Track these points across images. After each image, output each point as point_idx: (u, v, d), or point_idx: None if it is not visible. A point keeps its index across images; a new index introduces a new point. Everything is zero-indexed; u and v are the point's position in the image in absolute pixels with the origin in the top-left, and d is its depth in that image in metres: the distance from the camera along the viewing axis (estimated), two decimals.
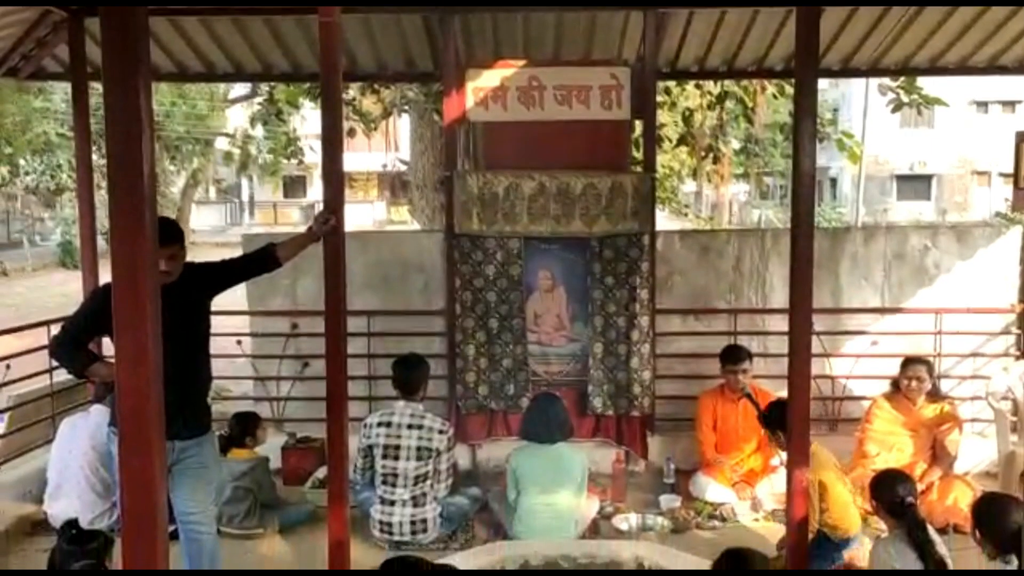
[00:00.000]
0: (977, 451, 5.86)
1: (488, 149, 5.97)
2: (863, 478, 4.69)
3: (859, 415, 5.70)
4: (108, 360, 3.63)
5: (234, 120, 27.01)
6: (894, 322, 6.24)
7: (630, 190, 5.76)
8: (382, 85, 9.68)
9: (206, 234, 32.02)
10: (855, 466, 5.33)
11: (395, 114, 11.16)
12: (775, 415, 4.48)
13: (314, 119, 5.14)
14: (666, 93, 9.86)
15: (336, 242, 4.01)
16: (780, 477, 4.76)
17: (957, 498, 4.91)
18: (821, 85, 4.54)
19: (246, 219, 42.54)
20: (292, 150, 12.00)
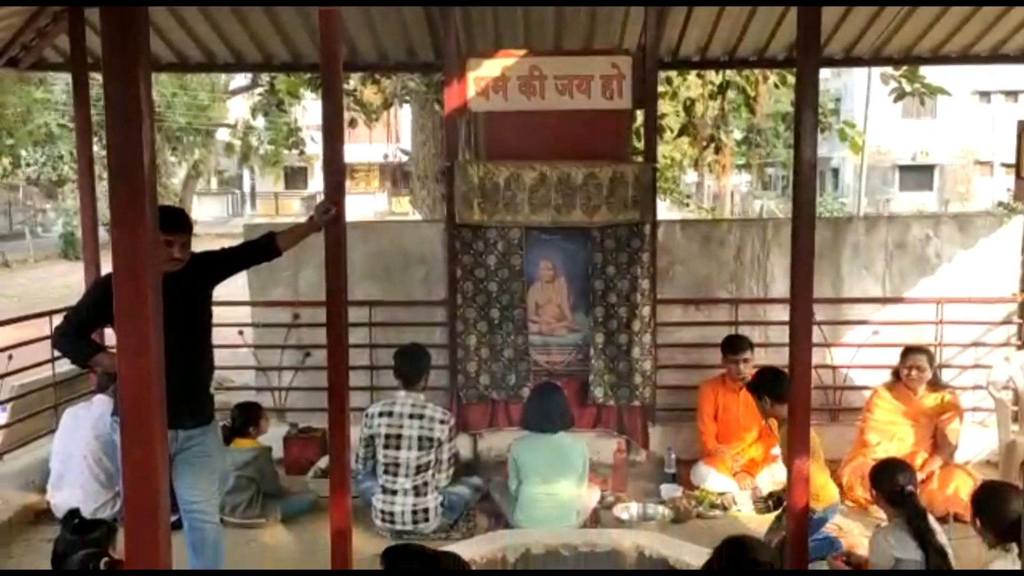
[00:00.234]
0: (978, 440, 5.87)
1: (489, 139, 5.96)
2: (864, 467, 4.71)
3: (860, 405, 5.70)
4: (111, 350, 3.64)
5: (235, 111, 27.01)
6: (895, 312, 6.24)
7: (631, 180, 5.75)
8: (383, 75, 9.67)
9: (208, 225, 31.93)
10: (856, 455, 5.34)
11: (396, 104, 11.16)
12: (762, 380, 4.56)
13: (315, 110, 5.14)
14: (667, 83, 9.84)
15: (337, 232, 4.01)
16: (781, 466, 4.78)
17: (958, 487, 4.92)
18: (823, 75, 4.54)
19: (247, 210, 42.54)
20: (293, 141, 12.01)
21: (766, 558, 2.25)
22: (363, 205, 35.20)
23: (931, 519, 3.63)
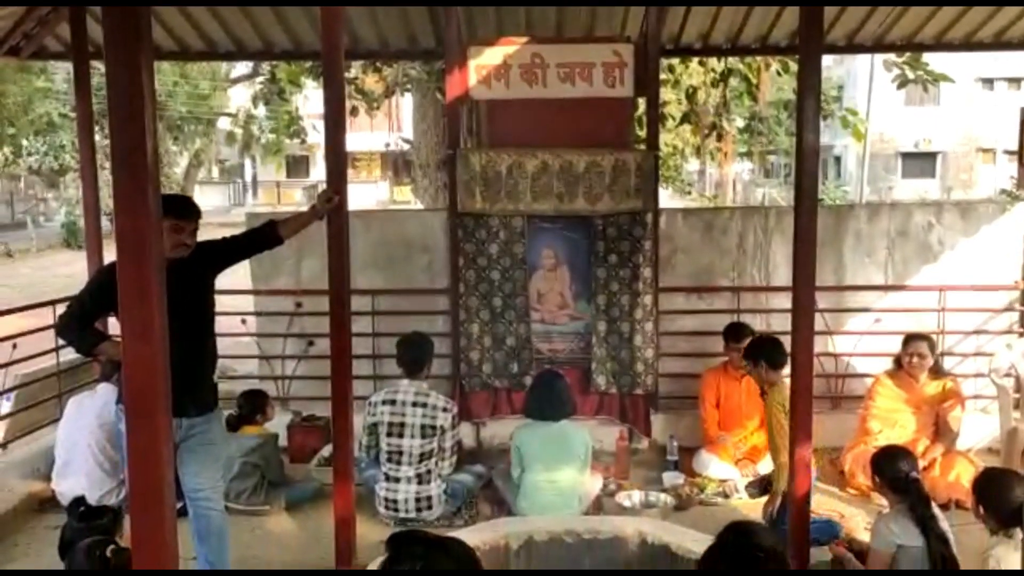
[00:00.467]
0: (979, 428, 5.87)
1: (491, 127, 5.95)
2: (865, 455, 4.71)
3: (862, 392, 5.71)
4: (115, 339, 3.65)
5: (236, 100, 26.91)
6: (897, 299, 6.24)
7: (633, 168, 5.74)
8: (384, 63, 9.63)
9: (210, 214, 31.71)
10: (857, 443, 5.35)
11: (397, 93, 11.12)
12: (759, 346, 4.60)
13: (316, 98, 5.13)
14: (669, 71, 9.80)
15: (340, 221, 4.02)
16: None
17: (959, 474, 4.93)
18: (826, 62, 4.52)
19: (249, 199, 42.52)
20: (295, 130, 11.96)
21: (769, 543, 2.25)
22: (365, 194, 35.18)
23: (934, 506, 3.63)
